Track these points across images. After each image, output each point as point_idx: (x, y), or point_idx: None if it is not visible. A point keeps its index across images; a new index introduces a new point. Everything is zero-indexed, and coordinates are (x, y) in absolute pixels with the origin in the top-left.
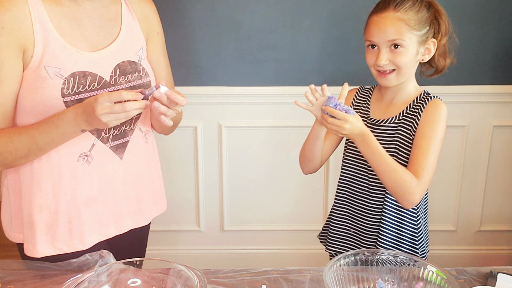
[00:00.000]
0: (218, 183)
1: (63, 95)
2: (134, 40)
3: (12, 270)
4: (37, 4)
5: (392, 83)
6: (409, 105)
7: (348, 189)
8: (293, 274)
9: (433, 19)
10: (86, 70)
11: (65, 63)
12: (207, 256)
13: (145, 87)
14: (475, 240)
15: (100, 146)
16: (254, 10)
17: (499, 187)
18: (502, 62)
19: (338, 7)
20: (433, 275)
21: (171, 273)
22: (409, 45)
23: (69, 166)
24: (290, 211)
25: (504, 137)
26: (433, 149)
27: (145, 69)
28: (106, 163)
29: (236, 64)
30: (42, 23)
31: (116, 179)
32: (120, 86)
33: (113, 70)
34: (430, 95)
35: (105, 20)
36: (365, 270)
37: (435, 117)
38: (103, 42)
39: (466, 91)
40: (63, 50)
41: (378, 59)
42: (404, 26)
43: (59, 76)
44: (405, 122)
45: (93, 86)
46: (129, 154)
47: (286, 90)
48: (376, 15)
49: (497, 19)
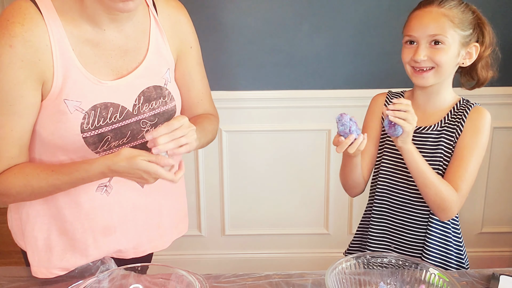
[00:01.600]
0: (219, 187)
1: (83, 130)
2: (161, 62)
3: (14, 277)
4: (58, 32)
5: (428, 82)
6: (450, 112)
7: (387, 203)
8: (295, 278)
9: (477, 26)
10: (108, 102)
11: (87, 96)
12: (209, 261)
13: (169, 114)
14: (477, 242)
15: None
16: (254, 14)
17: (500, 188)
18: (502, 63)
19: (338, 11)
20: (435, 277)
21: (173, 278)
22: (451, 43)
23: (87, 196)
24: (291, 215)
25: (505, 139)
26: (474, 160)
27: (170, 94)
28: (126, 192)
29: (236, 69)
30: (64, 53)
31: (137, 208)
32: (143, 115)
33: (136, 98)
34: (470, 102)
35: (131, 42)
36: (367, 273)
37: (479, 125)
38: (127, 67)
39: (466, 92)
40: (85, 82)
41: (416, 54)
42: (448, 22)
43: (80, 110)
44: (448, 130)
45: (114, 118)
46: None
47: (286, 94)
48: (419, 10)
49: (497, 20)
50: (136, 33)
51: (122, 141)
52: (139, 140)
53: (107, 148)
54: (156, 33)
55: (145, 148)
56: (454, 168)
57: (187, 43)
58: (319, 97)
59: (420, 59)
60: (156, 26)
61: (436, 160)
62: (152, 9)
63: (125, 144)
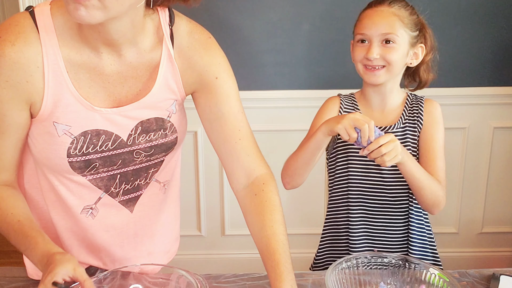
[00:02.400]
0: (219, 187)
1: (69, 155)
2: (168, 95)
3: (14, 277)
4: (54, 53)
5: (380, 80)
6: (405, 109)
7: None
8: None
9: (422, 29)
10: (100, 129)
11: (78, 121)
12: (209, 261)
13: (168, 146)
14: (477, 242)
15: (108, 200)
16: (253, 14)
17: (501, 188)
18: (502, 64)
19: (337, 11)
20: (435, 277)
21: (173, 278)
22: (401, 42)
23: (72, 219)
24: (290, 215)
25: (505, 139)
26: (442, 149)
27: (173, 126)
28: (113, 216)
29: (236, 69)
30: (57, 76)
31: (125, 233)
32: (138, 146)
33: (133, 129)
34: (418, 96)
35: (133, 70)
36: (367, 274)
37: (436, 116)
38: (127, 96)
39: (466, 93)
40: (77, 106)
41: (369, 52)
42: (398, 22)
43: (68, 135)
44: (409, 126)
45: (105, 146)
46: (141, 206)
47: (285, 94)
48: (370, 9)
49: (497, 20)
50: (141, 62)
51: (112, 168)
52: (131, 167)
53: (94, 173)
54: (167, 65)
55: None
56: (429, 162)
57: (210, 73)
58: (319, 97)
59: (373, 57)
60: (169, 59)
61: None
62: (168, 41)
63: (115, 170)
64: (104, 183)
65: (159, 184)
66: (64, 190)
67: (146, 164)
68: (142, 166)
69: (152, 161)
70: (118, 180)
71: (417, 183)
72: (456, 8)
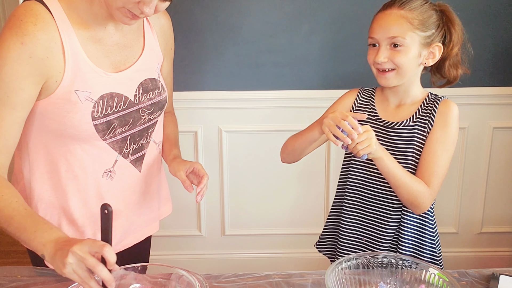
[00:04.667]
0: (219, 187)
1: (93, 118)
2: (153, 57)
3: (14, 277)
4: (68, 30)
5: (390, 82)
6: (420, 107)
7: (359, 198)
8: (295, 278)
9: (443, 26)
10: (113, 92)
11: (95, 87)
12: (209, 261)
13: (162, 103)
14: (476, 242)
15: (122, 161)
16: (254, 14)
17: (500, 188)
18: (502, 64)
19: (337, 11)
20: (435, 277)
21: (173, 278)
22: (410, 44)
23: (95, 183)
24: (291, 215)
25: (504, 139)
26: (445, 154)
27: (163, 85)
28: (127, 177)
29: (236, 69)
30: (73, 49)
31: (137, 192)
32: (142, 104)
33: (136, 89)
34: (438, 96)
35: (128, 39)
36: (367, 273)
37: (448, 119)
38: (125, 62)
39: (465, 92)
40: (93, 74)
41: (376, 56)
42: (406, 24)
43: (90, 100)
44: (420, 125)
45: (119, 106)
46: (146, 166)
47: (285, 94)
48: (380, 12)
49: (496, 20)
50: (132, 31)
51: (124, 128)
52: (138, 127)
53: (112, 135)
54: (148, 30)
55: (141, 133)
56: (426, 164)
57: (170, 43)
58: (319, 97)
59: (380, 60)
60: (148, 25)
61: (409, 154)
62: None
63: (128, 131)
64: (119, 145)
65: (155, 144)
66: (88, 158)
67: (148, 124)
68: (144, 127)
69: (151, 120)
70: (128, 141)
71: (392, 181)
72: (456, 8)
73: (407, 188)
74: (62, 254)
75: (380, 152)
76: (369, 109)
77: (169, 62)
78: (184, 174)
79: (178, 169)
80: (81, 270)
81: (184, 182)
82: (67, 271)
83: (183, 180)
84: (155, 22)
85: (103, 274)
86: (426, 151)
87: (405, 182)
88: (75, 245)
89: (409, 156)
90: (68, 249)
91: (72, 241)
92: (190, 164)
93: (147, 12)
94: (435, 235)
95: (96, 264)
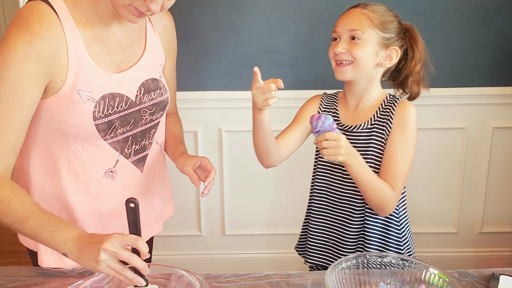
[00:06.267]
0: (219, 187)
1: (95, 118)
2: (155, 57)
3: (14, 277)
4: (72, 30)
5: (346, 76)
6: (378, 110)
7: (325, 198)
8: (295, 278)
9: (405, 37)
10: (114, 92)
11: (97, 87)
12: (209, 261)
13: (164, 104)
14: (477, 242)
15: (124, 162)
16: (254, 15)
17: (500, 188)
18: (502, 64)
19: (338, 12)
20: (435, 277)
21: (173, 278)
22: (368, 40)
23: (95, 182)
24: (291, 215)
25: (504, 139)
26: (406, 156)
27: (164, 86)
28: (129, 177)
29: (236, 69)
30: (77, 49)
31: (138, 192)
32: (144, 104)
33: (138, 89)
34: (396, 97)
35: (130, 38)
36: (367, 273)
37: (405, 121)
38: (128, 62)
39: (465, 93)
40: (95, 74)
41: (336, 47)
42: (366, 20)
43: (91, 100)
44: (378, 127)
45: (120, 107)
46: (149, 166)
47: (285, 94)
48: (345, 11)
49: (496, 20)
50: (135, 31)
51: (126, 128)
52: (140, 128)
53: (114, 135)
54: (151, 31)
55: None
56: (389, 167)
57: (172, 44)
58: None
59: (338, 51)
60: (150, 25)
61: (367, 157)
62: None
63: (129, 131)
64: (120, 145)
65: (158, 145)
66: (89, 158)
67: (150, 124)
68: (146, 127)
69: (153, 121)
70: (130, 141)
71: (361, 187)
72: (456, 8)
73: (376, 193)
74: (92, 252)
75: (350, 160)
76: (332, 114)
77: (172, 63)
78: (192, 169)
79: (185, 163)
80: (115, 264)
81: (191, 176)
82: (101, 268)
83: (191, 174)
84: (158, 23)
85: (138, 264)
86: (388, 154)
87: (374, 188)
88: (104, 243)
89: (368, 159)
90: (98, 247)
91: (96, 238)
92: (198, 159)
93: (154, 9)
94: (402, 235)
95: (131, 256)
